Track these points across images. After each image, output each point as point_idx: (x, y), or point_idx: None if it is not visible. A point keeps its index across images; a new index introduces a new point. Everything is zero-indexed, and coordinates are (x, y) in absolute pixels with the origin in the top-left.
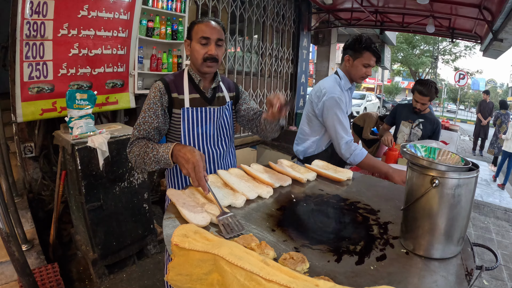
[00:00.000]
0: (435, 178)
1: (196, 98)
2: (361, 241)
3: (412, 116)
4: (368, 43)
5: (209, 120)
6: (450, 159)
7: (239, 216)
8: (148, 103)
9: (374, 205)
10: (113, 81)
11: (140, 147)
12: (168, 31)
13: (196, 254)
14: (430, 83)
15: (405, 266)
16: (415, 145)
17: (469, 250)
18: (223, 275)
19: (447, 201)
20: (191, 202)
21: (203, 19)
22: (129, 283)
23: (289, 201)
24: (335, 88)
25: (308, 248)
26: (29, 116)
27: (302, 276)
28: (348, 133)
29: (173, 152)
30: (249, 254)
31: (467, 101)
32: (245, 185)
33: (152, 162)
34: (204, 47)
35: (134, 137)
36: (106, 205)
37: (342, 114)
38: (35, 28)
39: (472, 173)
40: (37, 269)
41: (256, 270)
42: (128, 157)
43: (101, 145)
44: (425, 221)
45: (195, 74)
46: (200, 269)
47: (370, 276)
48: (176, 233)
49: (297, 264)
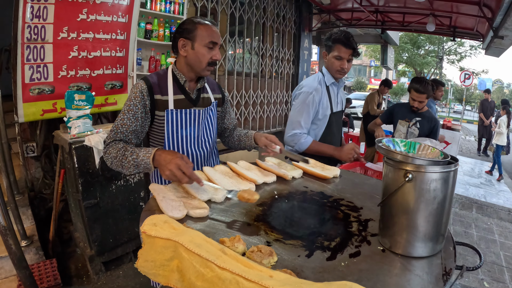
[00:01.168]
0: (408, 172)
1: (181, 100)
2: (337, 237)
3: (409, 115)
4: (338, 36)
5: (194, 121)
6: (430, 153)
7: (218, 211)
8: (128, 105)
9: (358, 203)
10: (112, 83)
11: (118, 150)
12: (166, 33)
13: (160, 241)
14: (425, 80)
15: (379, 263)
16: (394, 140)
17: (451, 249)
18: (182, 261)
19: (423, 196)
20: (171, 196)
21: (205, 21)
22: (125, 279)
23: (271, 198)
24: (313, 84)
25: (280, 243)
26: (30, 116)
27: (257, 266)
28: (303, 128)
29: (154, 156)
30: (208, 243)
31: (473, 101)
32: (228, 181)
33: (131, 166)
34: (210, 52)
35: (110, 139)
36: (102, 202)
37: (306, 109)
38: (36, 32)
39: (449, 167)
40: (35, 264)
41: (212, 258)
42: (104, 158)
43: (97, 144)
44: (401, 218)
45: (180, 74)
46: (162, 256)
47: (339, 272)
48: (147, 222)
49: (264, 257)
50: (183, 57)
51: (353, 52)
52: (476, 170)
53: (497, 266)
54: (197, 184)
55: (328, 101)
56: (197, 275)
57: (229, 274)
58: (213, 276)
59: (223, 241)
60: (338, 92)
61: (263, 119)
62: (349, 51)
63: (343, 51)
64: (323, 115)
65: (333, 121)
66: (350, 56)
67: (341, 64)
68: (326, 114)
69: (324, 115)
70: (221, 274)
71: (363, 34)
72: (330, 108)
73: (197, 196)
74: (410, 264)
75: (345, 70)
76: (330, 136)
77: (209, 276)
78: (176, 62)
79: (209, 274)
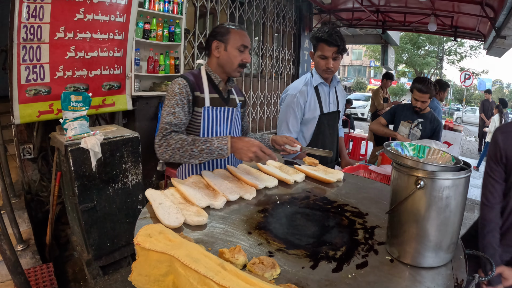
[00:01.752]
0: (420, 179)
1: (215, 98)
2: (343, 246)
3: (411, 116)
4: (321, 34)
5: (226, 119)
6: (440, 158)
7: (217, 218)
8: (175, 99)
9: (363, 208)
10: (109, 83)
11: (183, 140)
12: (165, 33)
13: (154, 255)
14: (428, 80)
15: (388, 275)
16: (402, 143)
17: (462, 258)
18: (178, 277)
19: (435, 204)
20: (167, 202)
21: (238, 26)
22: (123, 284)
23: (273, 203)
24: (298, 86)
25: (283, 253)
26: (26, 118)
27: (260, 283)
28: (291, 131)
29: (230, 143)
30: (207, 257)
31: (473, 101)
32: (227, 186)
33: (203, 154)
34: (241, 54)
35: (166, 131)
36: (99, 206)
37: (292, 112)
38: (32, 32)
39: (462, 173)
40: (31, 268)
41: (211, 274)
42: (159, 150)
43: (94, 146)
44: (411, 226)
45: (215, 75)
46: (157, 270)
47: (345, 285)
48: (141, 233)
49: (266, 270)
50: (216, 58)
51: (338, 49)
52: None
53: None
54: (194, 190)
55: (316, 102)
56: None
57: None
58: None
59: (222, 252)
60: (330, 92)
61: (263, 120)
62: (333, 49)
63: (327, 49)
64: (311, 116)
65: (324, 122)
66: (335, 54)
67: (326, 63)
68: (314, 115)
69: (313, 117)
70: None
71: (364, 34)
72: (319, 109)
73: (195, 203)
74: (420, 275)
75: (332, 69)
76: (321, 138)
77: None
78: (209, 63)
79: None
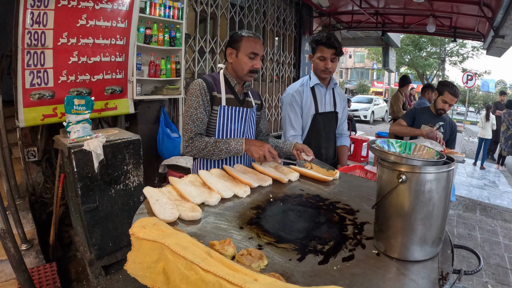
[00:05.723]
0: (402, 174)
1: (231, 98)
2: (331, 241)
3: (432, 119)
4: (320, 37)
5: (241, 118)
6: (426, 154)
7: (211, 214)
8: (197, 101)
9: (354, 205)
10: (112, 87)
11: (207, 142)
12: (166, 38)
13: (147, 243)
14: (453, 84)
15: (373, 268)
16: (388, 140)
17: (449, 252)
18: (167, 263)
19: (418, 198)
20: (164, 199)
21: (251, 35)
22: (125, 283)
23: (266, 201)
24: (295, 86)
25: (272, 246)
26: (31, 121)
27: (243, 270)
28: (295, 129)
29: (245, 145)
30: (195, 245)
31: (476, 102)
32: (222, 184)
33: (223, 153)
34: (251, 61)
35: (192, 133)
36: (102, 206)
37: (292, 110)
38: (36, 37)
39: (443, 167)
40: (35, 268)
41: (197, 260)
42: (186, 149)
43: (96, 148)
44: (396, 220)
45: (231, 78)
46: (149, 258)
47: (330, 276)
48: (136, 224)
49: (253, 261)
50: (230, 63)
51: (336, 51)
52: (480, 171)
53: (501, 268)
54: (190, 188)
55: (312, 101)
56: (182, 278)
57: (213, 277)
58: (197, 278)
59: (213, 244)
60: (327, 93)
61: None
62: (331, 51)
63: (326, 51)
64: (306, 115)
65: (320, 121)
66: (333, 56)
67: (325, 64)
68: (309, 114)
69: (308, 116)
70: (204, 276)
71: (364, 37)
72: (314, 108)
73: (190, 199)
74: (405, 269)
75: (330, 69)
76: (316, 137)
77: (193, 278)
78: (226, 67)
79: (193, 277)
